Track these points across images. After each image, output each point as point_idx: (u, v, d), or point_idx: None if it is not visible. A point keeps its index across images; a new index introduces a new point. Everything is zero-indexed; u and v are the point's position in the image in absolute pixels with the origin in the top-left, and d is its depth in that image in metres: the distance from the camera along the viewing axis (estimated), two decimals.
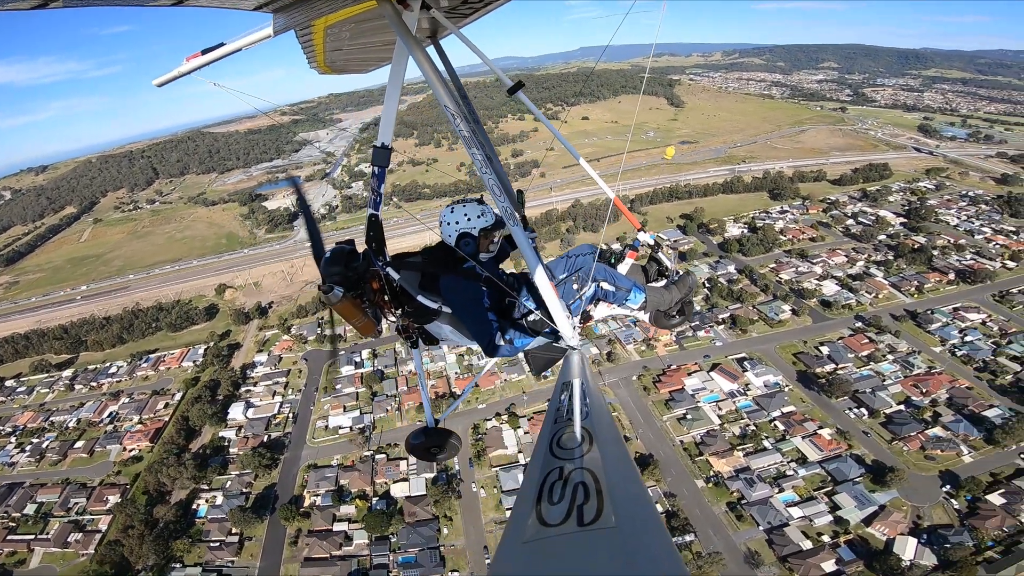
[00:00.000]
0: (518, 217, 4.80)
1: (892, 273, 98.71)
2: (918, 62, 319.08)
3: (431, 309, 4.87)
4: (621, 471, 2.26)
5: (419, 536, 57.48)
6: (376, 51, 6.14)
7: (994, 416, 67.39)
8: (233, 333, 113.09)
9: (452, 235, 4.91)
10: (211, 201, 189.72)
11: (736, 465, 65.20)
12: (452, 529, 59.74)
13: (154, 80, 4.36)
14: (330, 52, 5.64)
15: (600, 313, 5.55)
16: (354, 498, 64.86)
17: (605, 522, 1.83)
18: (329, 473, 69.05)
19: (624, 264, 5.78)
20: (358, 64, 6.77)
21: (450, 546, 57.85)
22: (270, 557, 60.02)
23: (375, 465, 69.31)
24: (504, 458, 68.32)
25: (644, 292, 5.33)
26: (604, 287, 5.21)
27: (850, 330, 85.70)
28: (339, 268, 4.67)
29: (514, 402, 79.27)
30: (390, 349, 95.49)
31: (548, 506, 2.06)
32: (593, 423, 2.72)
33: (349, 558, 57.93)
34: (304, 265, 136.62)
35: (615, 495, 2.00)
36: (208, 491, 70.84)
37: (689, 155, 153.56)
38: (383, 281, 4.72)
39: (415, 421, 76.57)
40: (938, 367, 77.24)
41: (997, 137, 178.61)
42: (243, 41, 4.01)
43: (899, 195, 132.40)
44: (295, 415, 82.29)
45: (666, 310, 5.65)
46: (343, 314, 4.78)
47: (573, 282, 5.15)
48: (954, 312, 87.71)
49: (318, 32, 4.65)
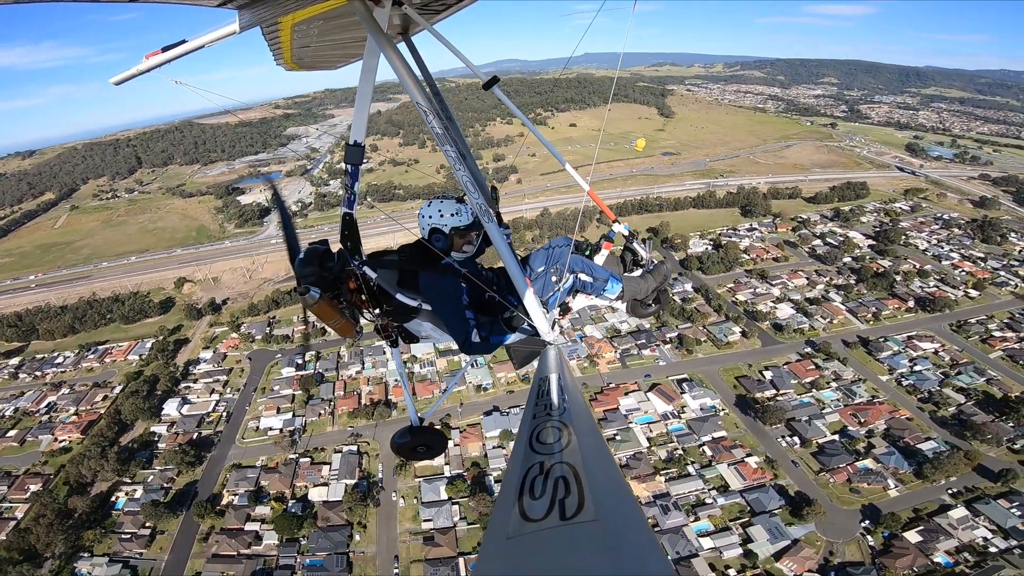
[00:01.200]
0: (492, 214, 4.57)
1: (851, 298, 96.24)
2: (918, 80, 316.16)
3: (411, 307, 4.86)
4: (600, 464, 2.25)
5: (329, 541, 57.03)
6: (346, 47, 5.88)
7: (928, 449, 65.08)
8: (185, 328, 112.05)
9: (425, 228, 4.93)
10: (188, 193, 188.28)
11: (656, 490, 62.92)
12: (365, 536, 59.03)
13: (111, 78, 4.17)
14: (297, 49, 5.33)
15: (578, 304, 5.60)
16: (271, 500, 64.23)
17: (587, 515, 1.85)
18: (251, 474, 68.28)
19: (600, 255, 5.79)
20: (327, 61, 6.53)
21: (360, 552, 57.07)
22: (179, 551, 59.61)
23: (297, 468, 68.40)
24: (429, 469, 66.89)
25: (621, 282, 5.41)
26: (582, 278, 5.30)
27: (798, 355, 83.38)
28: (314, 268, 4.54)
29: (450, 413, 77.56)
30: (335, 352, 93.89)
31: (530, 501, 2.07)
32: (571, 417, 2.73)
33: (256, 557, 57.54)
34: (265, 262, 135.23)
35: (596, 488, 2.01)
36: (130, 484, 69.78)
37: (667, 167, 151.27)
38: (360, 280, 4.68)
39: (346, 427, 75.76)
40: (881, 397, 74.91)
41: (984, 158, 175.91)
42: (207, 38, 3.79)
43: (872, 215, 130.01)
44: (229, 414, 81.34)
45: (642, 299, 5.66)
46: (320, 316, 4.64)
47: (552, 274, 5.18)
48: (908, 340, 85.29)
49: (285, 29, 4.43)
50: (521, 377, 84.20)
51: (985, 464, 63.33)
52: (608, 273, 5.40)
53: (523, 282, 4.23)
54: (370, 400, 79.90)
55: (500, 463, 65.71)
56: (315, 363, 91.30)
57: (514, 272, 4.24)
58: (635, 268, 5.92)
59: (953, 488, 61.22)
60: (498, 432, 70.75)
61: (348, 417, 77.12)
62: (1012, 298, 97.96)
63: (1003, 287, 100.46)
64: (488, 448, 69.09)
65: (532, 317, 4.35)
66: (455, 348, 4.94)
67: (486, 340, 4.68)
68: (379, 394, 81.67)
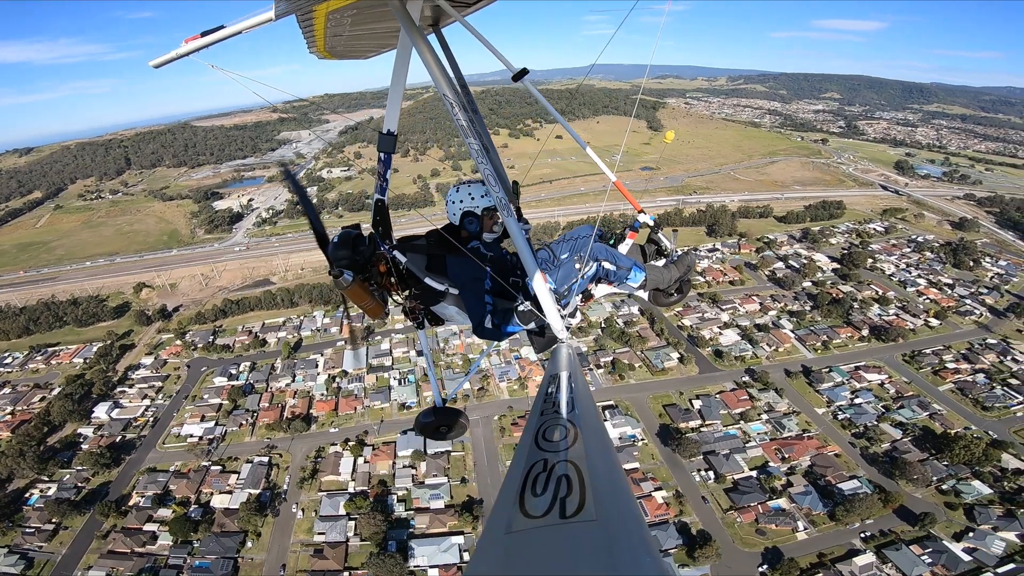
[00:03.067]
0: (512, 208, 4.67)
1: (803, 325, 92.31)
2: (921, 96, 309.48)
3: (438, 291, 4.96)
4: (604, 465, 2.25)
5: (220, 546, 57.86)
6: (377, 38, 5.85)
7: (849, 489, 61.25)
8: (135, 333, 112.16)
9: (456, 213, 5.11)
10: (169, 196, 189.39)
11: None
12: (257, 544, 59.40)
13: (151, 61, 4.28)
14: (331, 38, 5.22)
15: (601, 292, 5.61)
16: (175, 503, 65.15)
17: (587, 515, 1.87)
18: (161, 478, 68.92)
19: (624, 244, 5.77)
20: (358, 50, 6.49)
21: (248, 559, 57.57)
22: (78, 547, 60.75)
23: (206, 476, 68.76)
24: (334, 484, 66.66)
25: (644, 271, 5.44)
26: (605, 266, 5.28)
27: (735, 384, 79.72)
28: (347, 252, 4.58)
29: (367, 429, 76.52)
30: (268, 364, 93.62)
31: (531, 498, 2.09)
32: (579, 416, 2.74)
33: (148, 556, 58.60)
34: (224, 270, 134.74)
35: (597, 489, 2.02)
36: (47, 483, 70.38)
37: (643, 183, 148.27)
38: (390, 264, 4.78)
39: (263, 438, 75.80)
40: (813, 431, 71.06)
41: (974, 177, 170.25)
42: (244, 24, 3.88)
43: (843, 237, 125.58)
44: (156, 419, 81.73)
45: (665, 288, 5.71)
46: (353, 298, 4.69)
47: (575, 262, 5.17)
48: (854, 371, 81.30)
49: (319, 17, 4.43)
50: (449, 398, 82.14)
51: (908, 506, 59.63)
52: (632, 262, 5.41)
53: (539, 278, 4.24)
54: (292, 413, 79.23)
55: (407, 482, 65.32)
56: (247, 374, 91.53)
57: (530, 267, 4.27)
58: (659, 258, 5.88)
59: (867, 532, 57.48)
60: (411, 451, 69.45)
61: (267, 429, 76.75)
62: (974, 328, 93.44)
63: (967, 316, 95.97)
64: (398, 467, 67.95)
65: (546, 315, 4.36)
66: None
67: (498, 328, 4.75)
68: (302, 408, 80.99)
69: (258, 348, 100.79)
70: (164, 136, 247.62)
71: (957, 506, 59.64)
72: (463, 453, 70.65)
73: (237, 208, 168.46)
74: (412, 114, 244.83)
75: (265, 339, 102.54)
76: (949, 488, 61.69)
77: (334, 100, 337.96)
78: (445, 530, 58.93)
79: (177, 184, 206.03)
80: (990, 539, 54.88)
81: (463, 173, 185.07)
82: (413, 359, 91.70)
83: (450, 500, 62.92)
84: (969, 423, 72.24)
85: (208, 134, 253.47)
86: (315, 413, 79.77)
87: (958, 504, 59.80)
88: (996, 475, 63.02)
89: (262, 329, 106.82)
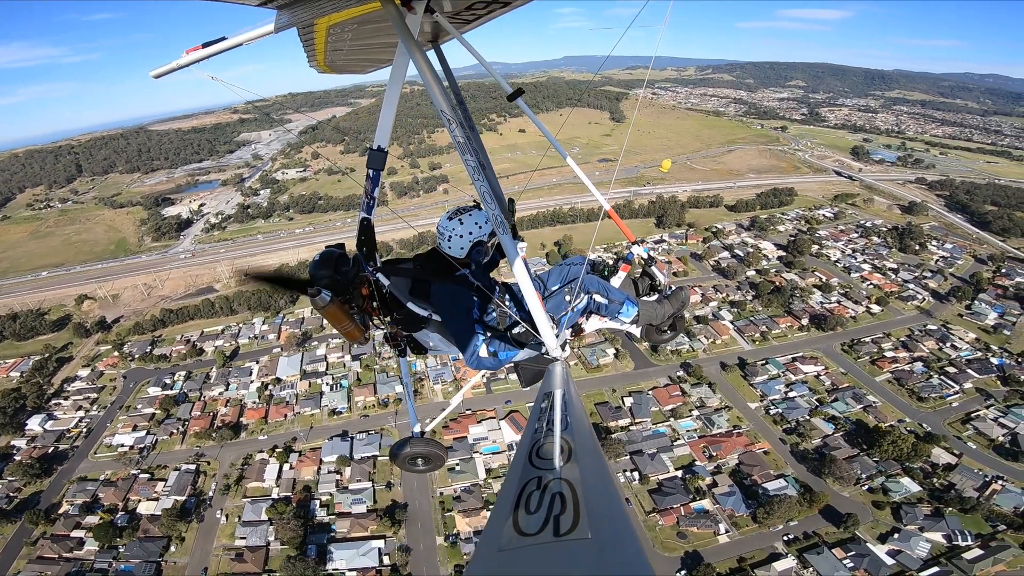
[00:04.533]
0: (508, 226, 4.54)
1: (743, 316, 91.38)
2: (883, 83, 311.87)
3: (420, 317, 4.82)
4: (599, 483, 2.24)
5: (143, 550, 59.32)
6: (377, 53, 5.85)
7: (775, 489, 60.21)
8: (74, 346, 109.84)
9: (466, 247, 4.89)
10: (119, 204, 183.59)
11: (478, 526, 59.09)
12: (181, 548, 60.64)
13: (151, 71, 4.23)
14: (331, 52, 5.20)
15: (592, 326, 5.46)
16: (103, 511, 65.91)
17: (581, 533, 1.85)
18: (91, 487, 69.60)
19: (617, 277, 5.65)
20: (358, 65, 6.37)
21: (172, 562, 59.01)
22: (8, 553, 62.05)
23: (134, 483, 69.40)
24: (259, 490, 67.15)
25: (637, 306, 5.29)
26: (597, 299, 5.15)
27: (669, 379, 78.50)
28: (328, 271, 4.45)
29: (296, 436, 75.90)
30: (204, 372, 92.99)
31: (525, 515, 2.08)
32: (573, 434, 2.72)
33: (75, 561, 60.08)
34: (167, 279, 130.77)
35: (591, 507, 2.01)
36: None
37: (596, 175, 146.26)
38: (372, 287, 4.65)
39: (193, 446, 75.81)
40: (744, 427, 70.10)
41: (928, 161, 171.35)
42: (245, 36, 3.90)
43: (792, 224, 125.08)
44: (90, 430, 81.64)
45: (658, 324, 5.60)
46: (330, 319, 4.54)
47: (566, 293, 5.06)
48: (790, 363, 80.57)
49: (320, 31, 4.45)
50: (380, 401, 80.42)
51: (834, 505, 58.67)
52: (624, 296, 5.23)
53: (534, 297, 4.09)
54: (222, 422, 78.80)
55: (330, 487, 65.79)
56: (182, 383, 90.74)
57: (526, 286, 4.09)
58: (652, 292, 5.80)
59: (790, 534, 56.44)
60: (336, 457, 69.34)
61: (196, 437, 76.66)
62: (916, 313, 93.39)
63: (909, 301, 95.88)
64: (323, 473, 68.04)
65: (541, 333, 4.27)
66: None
67: (494, 355, 4.66)
68: (233, 416, 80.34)
69: (195, 357, 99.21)
70: (117, 141, 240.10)
71: (885, 505, 58.85)
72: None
73: (187, 214, 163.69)
74: (372, 112, 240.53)
75: (203, 348, 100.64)
76: (878, 486, 60.88)
77: (297, 99, 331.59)
78: (366, 534, 59.18)
79: (129, 191, 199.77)
80: (915, 540, 54.08)
81: (420, 171, 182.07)
82: (348, 364, 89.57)
83: (373, 505, 62.98)
84: (904, 415, 71.76)
85: (163, 138, 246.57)
86: (245, 421, 79.28)
87: (886, 503, 59.01)
88: (926, 471, 62.31)
89: (200, 338, 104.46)
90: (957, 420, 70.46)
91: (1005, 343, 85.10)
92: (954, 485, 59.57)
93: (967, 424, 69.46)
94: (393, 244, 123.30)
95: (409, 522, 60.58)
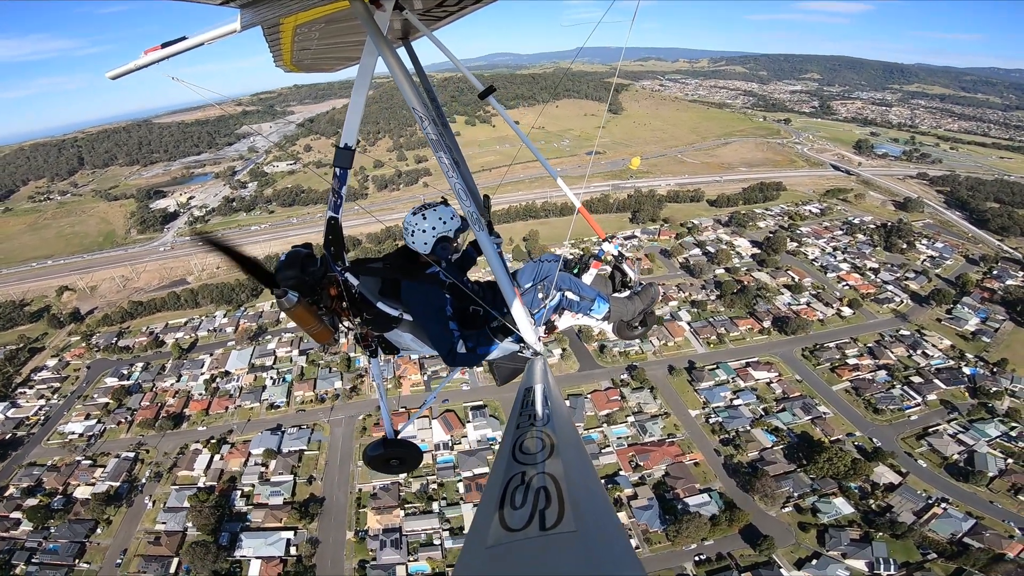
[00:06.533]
0: (484, 222, 4.51)
1: (702, 317, 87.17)
2: (902, 76, 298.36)
3: (391, 316, 4.75)
4: (582, 476, 2.25)
5: (71, 531, 62.04)
6: (346, 51, 5.67)
7: (697, 504, 56.88)
8: (49, 336, 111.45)
9: (429, 241, 4.75)
10: (115, 196, 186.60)
11: (389, 524, 58.76)
12: (107, 531, 62.68)
13: (107, 72, 4.03)
14: (298, 51, 5.05)
15: (564, 323, 5.43)
16: (43, 494, 68.12)
17: (566, 527, 1.86)
18: (36, 471, 71.61)
19: (588, 274, 5.63)
20: (326, 64, 6.24)
21: (95, 543, 61.36)
22: None
23: (76, 469, 71.09)
24: (188, 479, 68.49)
25: (608, 303, 5.28)
26: (569, 296, 5.16)
27: (611, 383, 75.25)
28: (294, 272, 4.33)
29: (232, 428, 76.55)
30: (160, 364, 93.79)
31: (511, 511, 2.08)
32: (555, 428, 2.74)
33: (10, 540, 62.69)
34: (143, 271, 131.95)
35: (576, 500, 2.02)
36: None
37: (578, 168, 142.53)
38: (341, 287, 4.53)
39: (136, 435, 76.85)
40: (679, 435, 66.58)
41: (936, 156, 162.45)
42: (207, 35, 3.66)
43: (773, 220, 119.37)
44: (47, 418, 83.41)
45: (629, 320, 5.58)
46: (297, 320, 4.42)
47: (538, 291, 5.09)
48: (743, 368, 76.44)
49: (287, 31, 4.33)
50: (319, 397, 79.41)
51: (757, 525, 55.13)
52: (595, 293, 5.27)
53: (512, 292, 4.15)
54: (167, 412, 79.94)
55: (254, 479, 66.84)
56: (139, 373, 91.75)
57: (503, 282, 4.18)
58: (623, 289, 5.78)
59: (704, 554, 53.08)
60: (262, 450, 69.99)
61: (140, 427, 77.87)
62: (890, 317, 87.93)
63: (885, 304, 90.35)
64: (250, 465, 69.01)
65: (520, 328, 4.29)
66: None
67: (472, 351, 4.63)
68: (178, 407, 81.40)
69: (155, 349, 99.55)
70: (119, 134, 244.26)
71: (811, 527, 54.94)
72: (317, 453, 70.93)
73: (174, 207, 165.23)
74: (370, 104, 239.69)
75: (164, 340, 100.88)
76: (808, 506, 56.89)
77: (301, 91, 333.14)
78: (278, 525, 60.27)
79: (126, 183, 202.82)
80: (833, 568, 50.48)
81: (406, 164, 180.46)
82: (295, 359, 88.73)
83: (290, 497, 63.78)
84: (855, 428, 67.28)
85: (164, 131, 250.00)
86: (188, 412, 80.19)
87: (812, 525, 55.09)
88: (865, 491, 58.14)
89: (164, 330, 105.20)
90: (912, 435, 65.71)
91: (983, 351, 79.51)
92: (891, 507, 55.24)
93: (922, 440, 64.69)
94: (362, 237, 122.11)
95: (324, 516, 61.28)
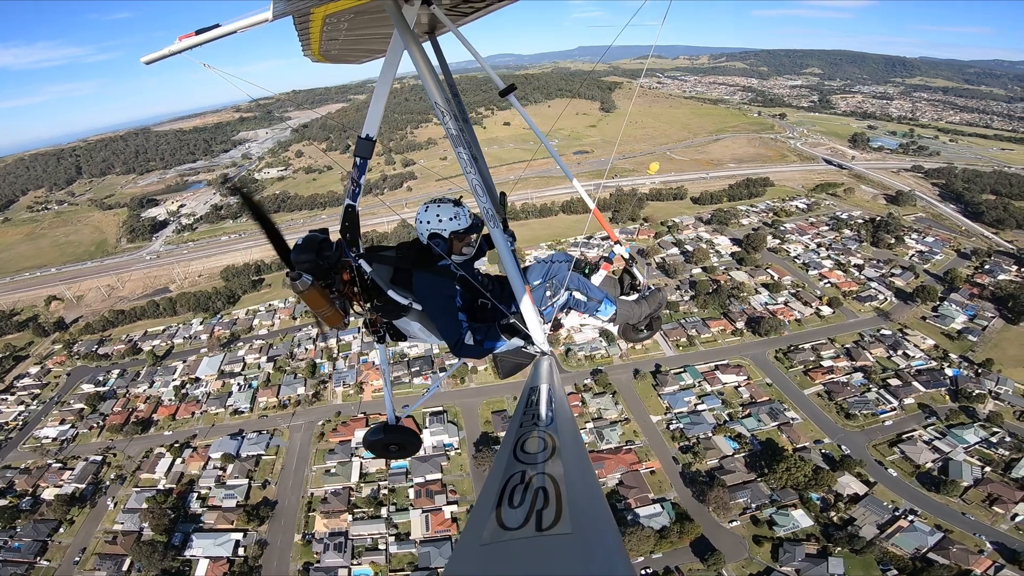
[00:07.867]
0: (499, 219, 4.61)
1: (673, 318, 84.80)
2: (904, 70, 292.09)
3: (401, 304, 4.78)
4: (581, 479, 2.25)
5: (35, 531, 64.01)
6: (373, 43, 5.65)
7: (649, 515, 54.96)
8: (34, 345, 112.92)
9: (424, 235, 4.84)
10: (109, 205, 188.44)
11: (335, 528, 58.80)
12: (69, 531, 64.47)
13: (143, 57, 4.11)
14: (326, 41, 5.06)
15: (571, 322, 5.49)
16: (14, 496, 69.66)
17: (562, 528, 1.87)
18: (9, 474, 72.98)
19: (598, 275, 5.57)
20: (353, 55, 6.18)
21: (57, 542, 63.14)
22: None
23: (46, 472, 72.43)
24: (149, 481, 69.53)
25: (615, 305, 5.30)
26: (576, 296, 5.19)
27: (574, 387, 73.31)
28: (310, 256, 4.39)
29: (196, 433, 77.31)
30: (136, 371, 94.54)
31: (508, 510, 2.09)
32: (558, 429, 2.74)
33: None
34: (128, 280, 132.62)
35: (574, 503, 2.02)
36: None
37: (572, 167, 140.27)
38: (354, 272, 4.60)
39: (106, 440, 78.02)
40: (637, 442, 64.48)
41: (934, 148, 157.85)
42: (240, 23, 3.74)
43: (758, 216, 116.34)
44: (25, 423, 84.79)
45: (635, 324, 5.61)
46: (310, 303, 4.49)
47: (546, 289, 5.12)
48: (710, 372, 74.00)
49: (316, 20, 4.35)
50: (281, 403, 78.62)
51: (708, 537, 52.90)
52: (603, 294, 5.28)
53: (523, 289, 4.21)
54: (136, 418, 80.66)
55: (211, 482, 67.75)
56: (114, 380, 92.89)
57: (515, 279, 4.25)
58: (632, 292, 5.76)
59: (650, 568, 51.03)
60: (221, 454, 70.56)
61: (110, 431, 79.06)
62: (872, 315, 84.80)
63: (867, 302, 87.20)
64: (208, 468, 69.74)
65: (528, 326, 4.32)
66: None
67: (480, 344, 4.66)
68: (147, 412, 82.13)
69: (132, 356, 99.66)
70: (116, 143, 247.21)
71: (766, 540, 52.53)
72: (275, 457, 71.08)
73: (164, 215, 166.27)
74: (360, 109, 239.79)
75: (141, 347, 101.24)
76: (765, 518, 54.50)
77: (299, 96, 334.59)
78: (229, 527, 61.11)
79: (122, 192, 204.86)
80: None
81: (393, 168, 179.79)
82: (262, 365, 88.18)
83: (244, 501, 64.51)
84: (823, 435, 64.60)
85: (161, 139, 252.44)
86: (157, 417, 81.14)
87: (768, 538, 52.67)
88: (827, 503, 55.52)
89: (143, 338, 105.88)
90: (885, 442, 62.91)
91: (968, 351, 76.28)
92: (854, 520, 52.63)
93: (895, 447, 61.86)
94: None
95: (274, 519, 61.96)
